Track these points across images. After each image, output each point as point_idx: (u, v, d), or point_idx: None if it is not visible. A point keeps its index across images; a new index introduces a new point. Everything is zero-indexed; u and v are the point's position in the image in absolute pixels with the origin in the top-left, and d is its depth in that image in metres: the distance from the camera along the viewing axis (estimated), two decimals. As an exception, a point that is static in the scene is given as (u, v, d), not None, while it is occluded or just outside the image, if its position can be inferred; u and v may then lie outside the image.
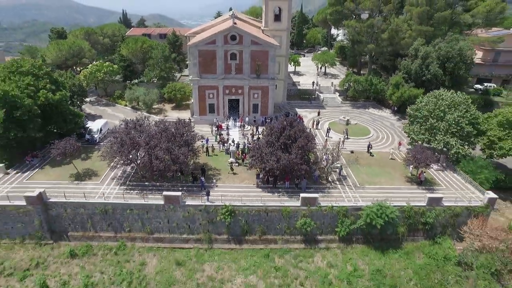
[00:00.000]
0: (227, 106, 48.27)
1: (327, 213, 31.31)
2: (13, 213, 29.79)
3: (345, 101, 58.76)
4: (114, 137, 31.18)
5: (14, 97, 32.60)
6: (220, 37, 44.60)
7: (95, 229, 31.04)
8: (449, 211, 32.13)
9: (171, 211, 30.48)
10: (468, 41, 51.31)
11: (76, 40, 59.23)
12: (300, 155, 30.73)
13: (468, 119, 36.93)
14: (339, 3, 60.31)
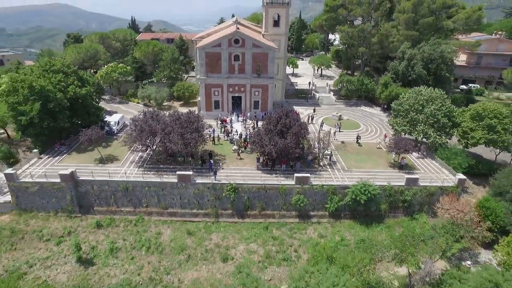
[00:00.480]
0: (231, 102, 53.39)
1: (318, 191, 36.14)
2: (49, 189, 34.75)
3: (339, 100, 63.89)
4: (134, 125, 36.38)
5: (48, 91, 37.83)
6: (225, 40, 49.96)
7: (117, 204, 35.94)
8: (425, 190, 36.93)
9: (183, 188, 35.39)
10: (450, 45, 56.47)
11: (92, 44, 64.86)
12: (294, 140, 35.73)
13: (444, 112, 41.86)
14: (333, 10, 65.91)
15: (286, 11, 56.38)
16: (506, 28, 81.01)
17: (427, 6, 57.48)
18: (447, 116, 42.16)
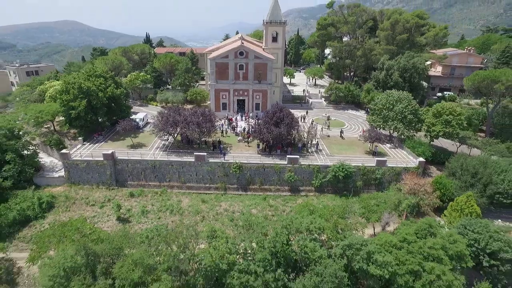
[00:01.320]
0: (236, 104, 63.55)
1: (306, 170, 45.47)
2: (94, 166, 44.39)
3: (329, 105, 73.82)
4: (161, 117, 46.44)
5: (92, 91, 48.12)
6: (231, 53, 60.65)
7: (146, 179, 45.37)
8: (392, 170, 46.16)
9: (199, 166, 44.89)
10: (422, 57, 66.88)
11: (117, 56, 76.03)
12: (286, 129, 45.46)
13: (410, 110, 51.59)
14: (324, 28, 77.10)
15: (282, 29, 67.49)
16: (477, 44, 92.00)
17: (402, 25, 68.35)
18: (413, 114, 51.87)
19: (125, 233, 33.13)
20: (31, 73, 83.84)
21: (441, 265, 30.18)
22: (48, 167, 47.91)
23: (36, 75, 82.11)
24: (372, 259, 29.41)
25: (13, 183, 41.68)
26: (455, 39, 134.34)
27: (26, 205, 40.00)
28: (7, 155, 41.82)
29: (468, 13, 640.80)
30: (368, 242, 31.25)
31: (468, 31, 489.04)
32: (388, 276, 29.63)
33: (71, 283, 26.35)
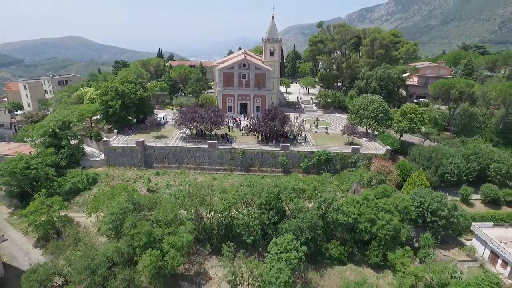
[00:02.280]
0: (240, 107, 76.49)
1: (295, 155, 57.59)
2: (128, 151, 56.72)
3: (319, 109, 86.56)
4: (181, 114, 59.17)
5: (125, 94, 61.18)
6: (236, 64, 74.11)
7: (169, 162, 57.52)
8: (364, 156, 58.17)
9: (211, 152, 57.14)
10: (396, 69, 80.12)
11: (137, 67, 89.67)
12: (279, 123, 58.01)
13: (381, 110, 64.11)
14: (315, 44, 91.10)
15: (278, 45, 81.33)
16: (450, 59, 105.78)
17: (379, 42, 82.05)
18: (383, 113, 64.45)
19: (157, 195, 45.34)
20: (62, 83, 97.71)
21: (390, 215, 42.10)
22: (89, 154, 60.28)
23: (66, 84, 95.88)
24: (340, 210, 41.33)
25: (66, 163, 54.02)
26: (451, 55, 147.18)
27: (77, 180, 52.10)
28: (62, 141, 54.42)
29: (464, 30, 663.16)
30: (338, 199, 43.32)
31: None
32: (352, 222, 41.50)
33: (126, 219, 38.32)
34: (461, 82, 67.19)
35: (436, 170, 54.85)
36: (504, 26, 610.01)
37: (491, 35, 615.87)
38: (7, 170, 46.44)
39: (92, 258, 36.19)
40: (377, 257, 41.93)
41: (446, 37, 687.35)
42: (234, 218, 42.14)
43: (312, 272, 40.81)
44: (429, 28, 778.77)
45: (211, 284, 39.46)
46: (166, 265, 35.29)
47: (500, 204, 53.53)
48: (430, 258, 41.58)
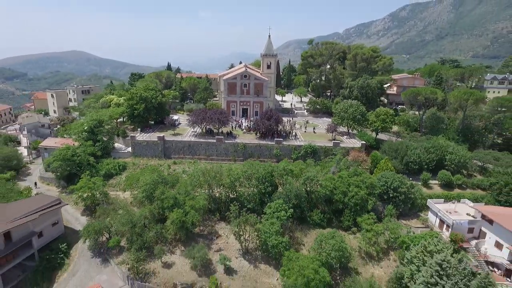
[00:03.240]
0: (241, 111, 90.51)
1: (287, 148, 70.99)
2: (150, 145, 70.14)
3: (309, 114, 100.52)
4: (195, 115, 73.04)
5: (147, 99, 75.24)
6: (238, 75, 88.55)
7: (184, 153, 70.80)
8: (344, 148, 71.57)
9: (218, 145, 70.57)
10: (375, 79, 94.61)
11: (152, 79, 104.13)
12: (274, 122, 71.79)
13: (358, 112, 77.98)
14: (305, 59, 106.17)
15: (274, 60, 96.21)
16: (426, 71, 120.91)
17: (360, 56, 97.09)
18: (360, 115, 78.31)
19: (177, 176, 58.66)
20: (85, 92, 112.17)
21: (359, 189, 55.36)
22: (117, 148, 73.68)
23: (88, 93, 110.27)
24: (319, 183, 54.71)
25: (101, 154, 67.44)
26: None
27: (110, 166, 65.27)
28: (98, 136, 68.08)
29: (458, 45, 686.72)
30: (318, 176, 56.70)
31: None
32: (329, 194, 54.70)
33: (157, 189, 51.51)
34: (426, 90, 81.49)
35: (402, 160, 68.27)
36: (496, 41, 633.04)
37: (484, 49, 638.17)
38: (60, 156, 59.80)
39: (132, 216, 49.39)
40: (349, 221, 54.83)
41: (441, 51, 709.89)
42: (238, 191, 55.43)
43: (298, 232, 53.53)
44: (424, 43, 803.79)
45: (220, 239, 52.28)
46: (187, 220, 48.21)
47: (453, 187, 66.61)
48: (391, 223, 54.64)
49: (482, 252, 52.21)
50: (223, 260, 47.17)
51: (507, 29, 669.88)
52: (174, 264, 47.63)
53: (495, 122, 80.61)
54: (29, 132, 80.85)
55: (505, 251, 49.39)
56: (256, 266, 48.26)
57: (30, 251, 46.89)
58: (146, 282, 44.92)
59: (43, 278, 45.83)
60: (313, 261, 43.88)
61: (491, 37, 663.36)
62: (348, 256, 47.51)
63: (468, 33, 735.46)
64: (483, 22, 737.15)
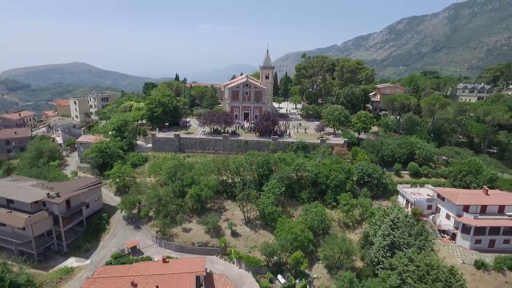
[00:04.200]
0: (243, 115, 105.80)
1: (282, 144, 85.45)
2: (168, 141, 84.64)
3: (302, 118, 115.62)
4: (204, 117, 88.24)
5: (164, 103, 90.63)
6: (241, 84, 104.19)
7: (195, 148, 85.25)
8: (329, 145, 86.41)
9: (224, 141, 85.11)
10: (359, 88, 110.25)
11: (165, 88, 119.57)
12: (271, 123, 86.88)
13: (342, 115, 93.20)
14: (299, 70, 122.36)
15: (272, 71, 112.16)
16: (407, 81, 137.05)
17: (346, 68, 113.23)
18: (344, 117, 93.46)
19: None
20: (104, 99, 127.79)
21: (338, 173, 70.07)
22: (139, 144, 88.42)
23: (107, 100, 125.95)
24: (307, 169, 69.53)
25: (127, 148, 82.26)
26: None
27: (135, 158, 79.63)
28: (124, 134, 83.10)
29: (454, 57, 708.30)
30: (306, 163, 71.51)
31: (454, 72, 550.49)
32: (314, 176, 69.37)
33: (177, 171, 66.18)
34: (401, 97, 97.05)
35: (377, 153, 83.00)
36: (490, 53, 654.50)
37: (478, 61, 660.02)
38: (96, 149, 74.52)
39: (158, 192, 63.95)
40: (331, 199, 68.90)
41: (437, 63, 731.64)
42: (241, 175, 70.09)
43: (289, 207, 67.69)
44: (421, 55, 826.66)
45: (227, 212, 66.38)
46: (202, 194, 62.48)
47: (420, 176, 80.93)
48: (364, 200, 68.98)
49: (437, 223, 66.45)
50: (230, 225, 61.32)
51: (500, 42, 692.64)
52: (191, 229, 61.68)
53: (459, 123, 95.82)
54: (63, 132, 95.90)
55: (452, 220, 63.66)
56: (256, 231, 62.38)
57: (80, 218, 61.09)
58: (171, 241, 59.11)
59: (92, 237, 59.94)
60: (300, 224, 58.29)
61: (485, 50, 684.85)
62: (328, 223, 61.70)
63: (463, 46, 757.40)
64: (478, 35, 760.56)
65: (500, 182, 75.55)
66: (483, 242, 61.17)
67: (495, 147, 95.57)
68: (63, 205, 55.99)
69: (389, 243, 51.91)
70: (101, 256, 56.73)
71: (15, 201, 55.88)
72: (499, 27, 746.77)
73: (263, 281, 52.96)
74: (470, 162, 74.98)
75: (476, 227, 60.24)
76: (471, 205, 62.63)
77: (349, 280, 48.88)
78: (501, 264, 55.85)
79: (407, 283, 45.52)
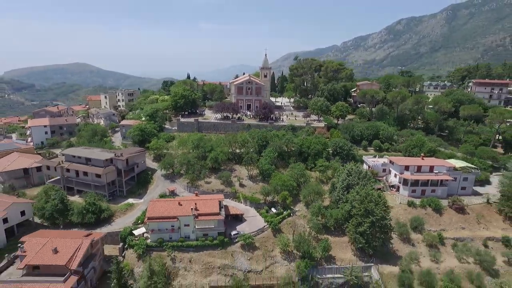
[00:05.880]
0: (247, 106, 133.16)
1: (276, 126, 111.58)
2: (189, 124, 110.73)
3: (294, 109, 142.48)
4: (217, 106, 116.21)
5: (186, 96, 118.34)
6: (244, 81, 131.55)
7: (210, 130, 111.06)
8: (312, 127, 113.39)
9: (232, 124, 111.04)
10: (339, 84, 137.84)
11: (181, 84, 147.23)
12: (268, 110, 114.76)
13: (324, 106, 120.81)
14: (292, 70, 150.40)
15: (269, 71, 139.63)
16: (382, 79, 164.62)
17: (330, 68, 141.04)
18: (325, 107, 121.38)
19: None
20: (130, 94, 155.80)
21: (316, 145, 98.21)
22: (166, 127, 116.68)
23: (132, 95, 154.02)
24: (294, 142, 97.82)
25: (158, 129, 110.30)
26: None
27: (166, 136, 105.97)
28: (156, 118, 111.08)
29: (451, 57, 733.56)
30: (294, 138, 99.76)
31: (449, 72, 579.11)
32: (299, 147, 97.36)
33: (201, 141, 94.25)
34: (371, 91, 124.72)
35: (350, 134, 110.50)
36: (486, 54, 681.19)
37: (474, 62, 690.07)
38: (137, 128, 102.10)
39: (187, 157, 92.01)
40: (311, 163, 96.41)
41: (434, 63, 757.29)
42: (246, 146, 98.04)
43: (280, 168, 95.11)
44: (419, 55, 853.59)
45: (236, 171, 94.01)
46: (219, 157, 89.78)
47: (382, 151, 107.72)
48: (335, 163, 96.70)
49: (389, 181, 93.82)
50: (238, 179, 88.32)
51: (496, 42, 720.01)
52: (211, 182, 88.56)
53: (417, 112, 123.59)
54: (105, 118, 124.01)
55: (397, 178, 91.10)
56: (256, 183, 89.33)
57: (133, 174, 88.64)
58: (197, 189, 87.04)
59: (142, 186, 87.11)
60: (287, 176, 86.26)
61: (482, 50, 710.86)
62: (307, 178, 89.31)
63: (460, 46, 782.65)
64: (475, 35, 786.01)
65: (439, 154, 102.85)
66: (417, 191, 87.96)
67: (446, 130, 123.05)
68: (125, 162, 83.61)
69: (345, 185, 79.50)
70: (150, 197, 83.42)
71: (92, 159, 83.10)
72: (496, 27, 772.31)
73: (261, 211, 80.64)
74: (417, 139, 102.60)
75: (412, 180, 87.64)
76: (410, 166, 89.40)
77: (318, 207, 76.07)
78: (424, 203, 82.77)
79: (354, 206, 73.44)
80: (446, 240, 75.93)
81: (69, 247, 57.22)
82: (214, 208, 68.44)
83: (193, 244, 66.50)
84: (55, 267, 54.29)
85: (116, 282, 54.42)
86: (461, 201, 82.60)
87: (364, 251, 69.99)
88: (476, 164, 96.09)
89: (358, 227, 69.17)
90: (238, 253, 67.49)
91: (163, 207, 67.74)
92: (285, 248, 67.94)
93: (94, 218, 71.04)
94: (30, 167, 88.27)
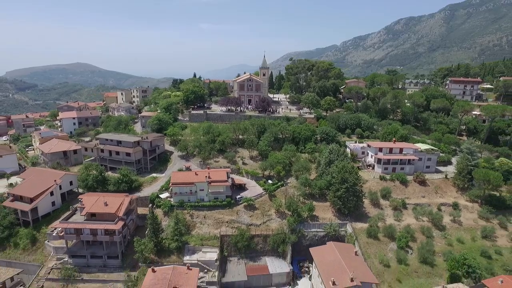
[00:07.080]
0: (248, 100, 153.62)
1: (273, 117, 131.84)
2: (199, 115, 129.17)
3: (289, 104, 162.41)
4: (222, 101, 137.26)
5: (196, 91, 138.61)
6: (246, 80, 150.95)
7: (216, 120, 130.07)
8: (304, 118, 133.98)
9: (236, 115, 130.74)
10: (329, 82, 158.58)
11: (190, 82, 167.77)
12: (266, 103, 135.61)
13: (315, 100, 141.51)
14: (287, 70, 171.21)
15: (267, 70, 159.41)
16: (369, 78, 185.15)
17: (321, 68, 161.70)
18: (315, 100, 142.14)
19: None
20: (144, 91, 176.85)
21: (306, 132, 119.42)
22: (179, 119, 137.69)
23: (145, 92, 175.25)
24: (287, 129, 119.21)
25: (172, 120, 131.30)
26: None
27: (179, 125, 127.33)
28: (170, 110, 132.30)
29: (449, 57, 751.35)
30: (287, 126, 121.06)
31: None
32: (292, 133, 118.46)
33: (210, 128, 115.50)
34: (355, 87, 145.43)
35: (335, 123, 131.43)
36: (483, 53, 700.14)
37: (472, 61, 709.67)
38: (156, 118, 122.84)
39: (199, 140, 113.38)
40: (302, 146, 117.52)
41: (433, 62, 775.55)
42: (247, 132, 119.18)
43: (276, 150, 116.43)
44: (417, 54, 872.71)
45: (239, 153, 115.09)
46: (225, 141, 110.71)
47: (363, 138, 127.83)
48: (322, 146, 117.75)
49: (367, 161, 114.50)
50: (241, 159, 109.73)
51: (493, 42, 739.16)
52: (219, 161, 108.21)
53: (396, 105, 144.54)
54: (126, 111, 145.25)
55: (373, 158, 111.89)
56: (256, 162, 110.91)
57: (155, 154, 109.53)
58: (208, 166, 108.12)
59: (162, 164, 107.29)
60: (281, 155, 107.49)
61: (479, 50, 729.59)
62: (298, 157, 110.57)
63: (458, 46, 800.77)
64: (472, 35, 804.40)
65: (411, 140, 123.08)
66: (389, 169, 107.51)
67: (421, 121, 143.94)
68: (149, 144, 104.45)
69: (328, 161, 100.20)
70: (169, 172, 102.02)
71: (122, 142, 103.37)
72: (493, 27, 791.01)
73: (260, 182, 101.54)
74: (392, 127, 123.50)
75: (385, 160, 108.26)
76: (384, 148, 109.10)
77: (305, 178, 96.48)
78: (393, 177, 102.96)
79: (333, 176, 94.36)
80: (409, 205, 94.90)
81: (115, 202, 77.12)
82: (223, 177, 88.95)
83: (206, 204, 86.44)
84: (107, 215, 73.80)
85: (151, 227, 74.87)
86: (423, 176, 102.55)
87: (341, 211, 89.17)
88: (441, 148, 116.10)
89: (336, 192, 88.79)
90: (242, 211, 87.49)
91: (183, 175, 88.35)
92: (279, 208, 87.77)
93: (127, 187, 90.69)
94: (69, 150, 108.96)
